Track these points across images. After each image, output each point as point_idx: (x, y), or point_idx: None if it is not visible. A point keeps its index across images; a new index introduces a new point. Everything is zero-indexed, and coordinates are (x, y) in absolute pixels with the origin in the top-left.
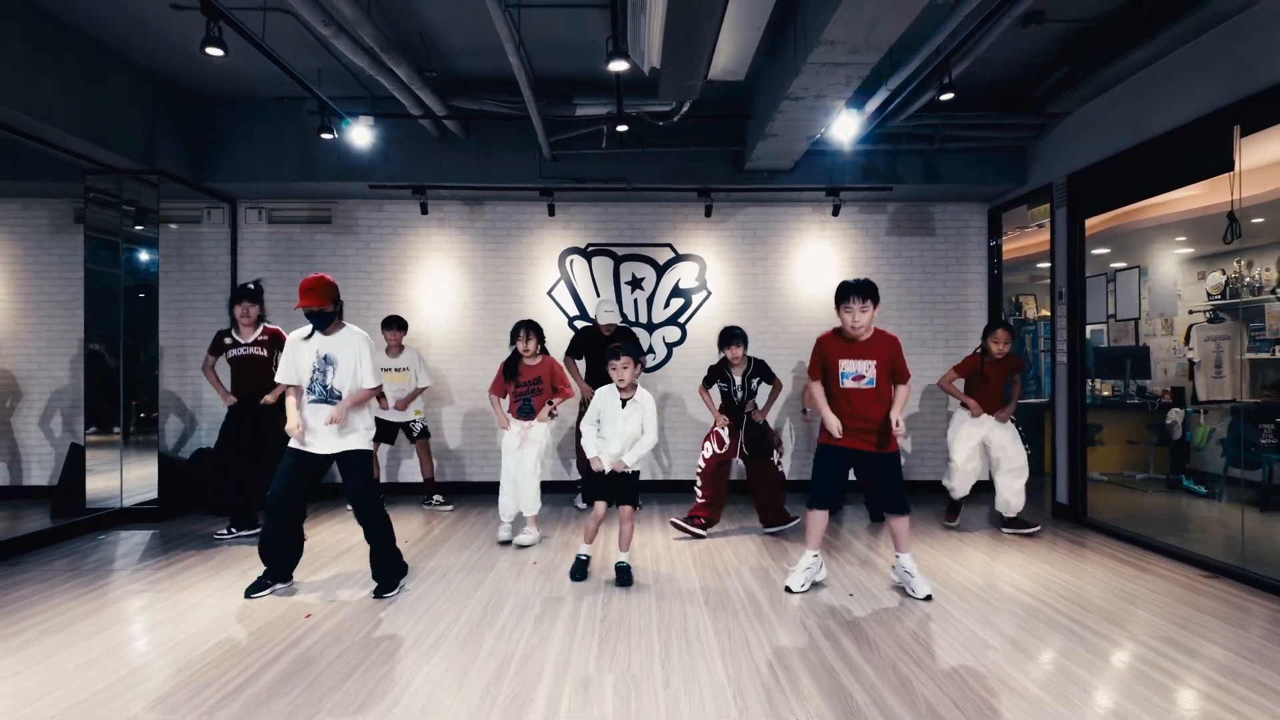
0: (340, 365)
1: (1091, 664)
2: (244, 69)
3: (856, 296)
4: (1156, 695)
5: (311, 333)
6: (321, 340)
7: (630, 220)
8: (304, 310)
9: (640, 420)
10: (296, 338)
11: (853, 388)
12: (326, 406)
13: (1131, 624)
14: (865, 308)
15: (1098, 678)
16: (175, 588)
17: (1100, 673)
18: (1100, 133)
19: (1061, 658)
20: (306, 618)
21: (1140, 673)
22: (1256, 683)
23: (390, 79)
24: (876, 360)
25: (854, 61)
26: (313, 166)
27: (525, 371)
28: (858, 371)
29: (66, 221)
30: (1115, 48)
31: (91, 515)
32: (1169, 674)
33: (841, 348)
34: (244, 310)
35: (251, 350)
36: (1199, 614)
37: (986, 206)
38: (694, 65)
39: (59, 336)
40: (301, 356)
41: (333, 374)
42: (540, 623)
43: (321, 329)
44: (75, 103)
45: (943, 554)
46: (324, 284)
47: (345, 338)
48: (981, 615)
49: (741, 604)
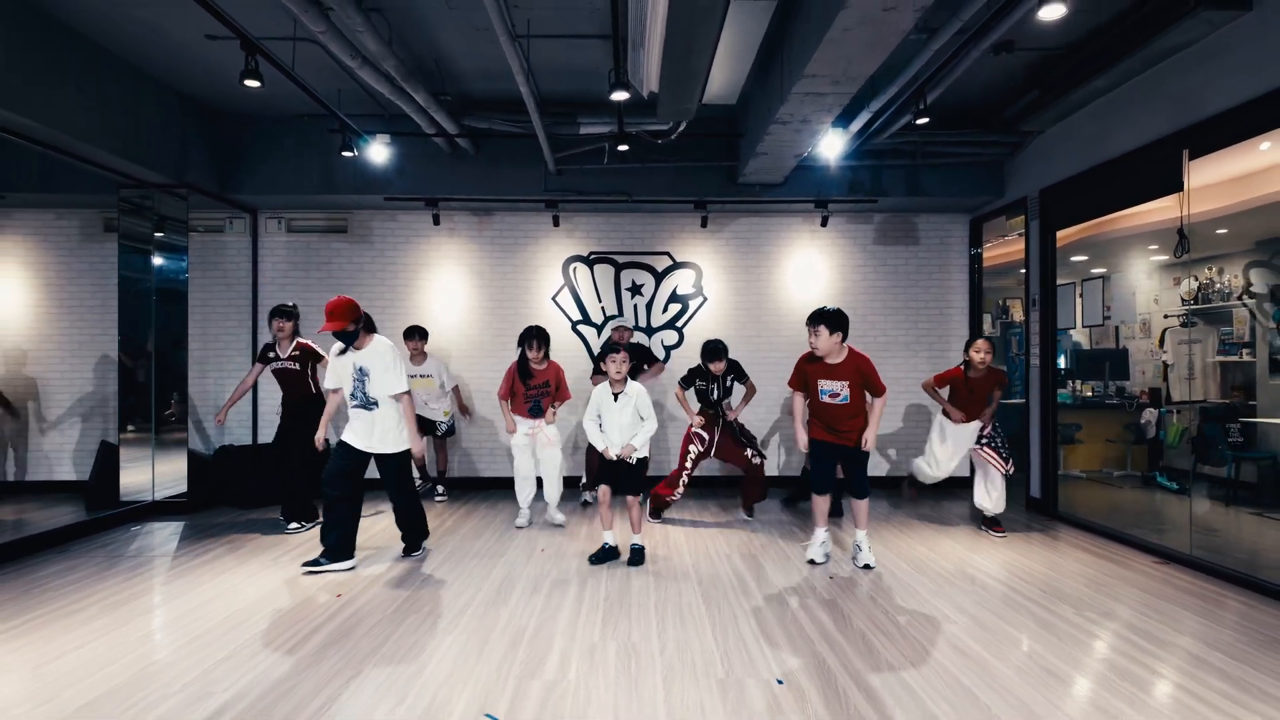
0: (373, 374)
1: (1056, 646)
2: (270, 91)
3: (810, 322)
4: (1121, 679)
5: (345, 349)
6: (355, 354)
7: (631, 230)
8: (333, 333)
9: (634, 410)
10: (335, 352)
11: (829, 403)
12: (365, 412)
13: (1096, 607)
14: (818, 332)
15: (1062, 659)
16: (215, 571)
17: (1065, 654)
18: (1068, 151)
19: (1021, 635)
20: (338, 597)
21: (1079, 640)
22: (1201, 662)
23: (408, 102)
24: (849, 381)
25: (835, 92)
26: (331, 180)
27: (537, 374)
28: (833, 390)
29: (96, 230)
30: (1079, 74)
31: (126, 508)
32: (1136, 660)
33: (819, 369)
34: (278, 325)
35: (286, 364)
36: (1160, 600)
37: (968, 217)
38: (689, 91)
39: (89, 340)
40: (342, 368)
41: (368, 383)
42: (550, 600)
43: (351, 344)
44: (114, 124)
45: (918, 543)
46: (343, 307)
47: (374, 349)
48: (949, 596)
49: (730, 584)
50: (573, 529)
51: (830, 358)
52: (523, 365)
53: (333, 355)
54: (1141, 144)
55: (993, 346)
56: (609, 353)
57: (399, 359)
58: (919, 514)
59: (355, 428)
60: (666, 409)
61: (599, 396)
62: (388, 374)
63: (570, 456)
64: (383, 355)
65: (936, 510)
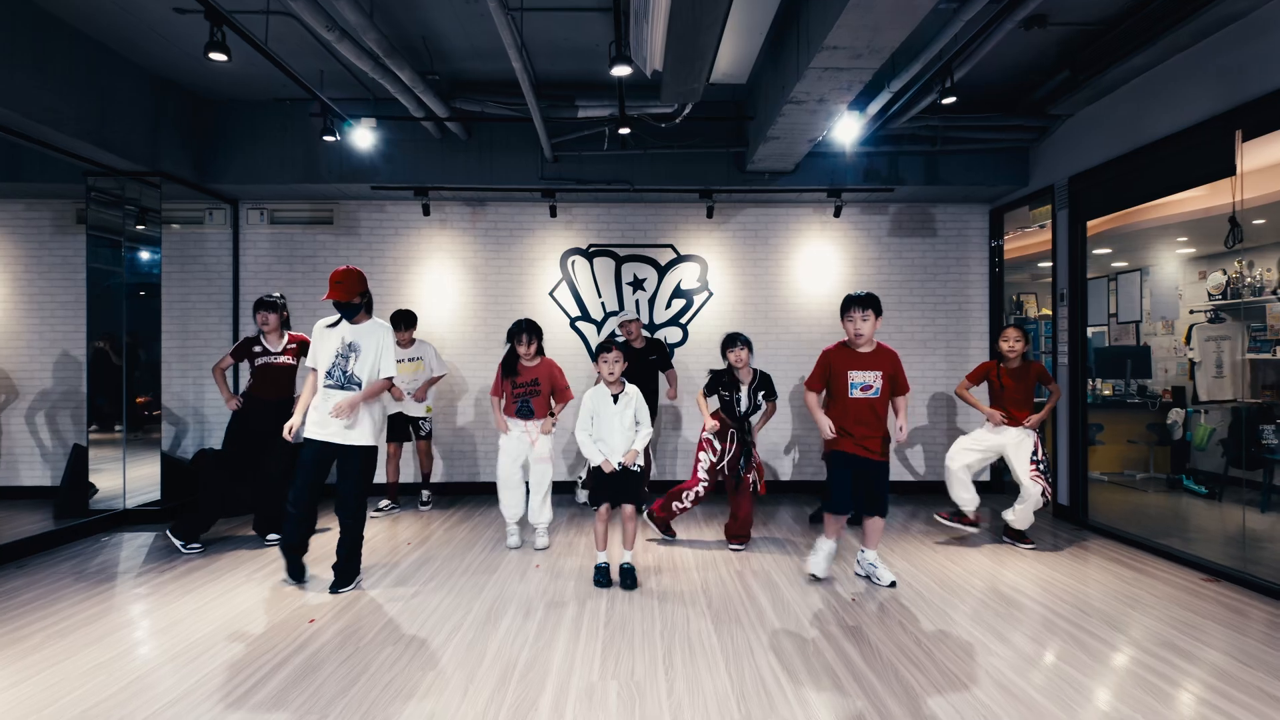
0: (364, 353)
1: (1090, 668)
2: (247, 71)
3: (858, 306)
4: (1155, 700)
5: (338, 321)
6: (349, 328)
7: (632, 221)
8: (333, 302)
9: (633, 412)
10: (321, 325)
11: (860, 398)
12: (340, 393)
13: (1132, 628)
14: (866, 316)
15: (1096, 681)
16: (180, 591)
17: (1099, 676)
18: (1102, 136)
19: (1061, 662)
20: (310, 623)
21: (1139, 677)
22: (1256, 689)
23: (393, 82)
24: (882, 371)
25: (856, 66)
26: (315, 168)
27: (524, 372)
28: (866, 382)
29: (69, 222)
30: (1116, 51)
31: (95, 517)
32: (1167, 679)
33: (850, 359)
34: (263, 318)
35: (281, 359)
36: (1198, 618)
37: (988, 207)
38: (696, 69)
39: (62, 337)
40: (325, 343)
41: (355, 360)
42: (544, 627)
43: (349, 319)
44: (79, 106)
45: (943, 556)
46: (352, 278)
47: (372, 328)
48: (982, 619)
49: (744, 608)
50: (570, 543)
51: (864, 347)
52: (509, 361)
53: (319, 328)
54: (1187, 125)
55: (1025, 335)
56: (603, 351)
57: (393, 345)
58: (938, 523)
59: (322, 413)
60: (690, 412)
61: (594, 401)
62: (383, 356)
63: (567, 465)
64: (381, 335)
65: None
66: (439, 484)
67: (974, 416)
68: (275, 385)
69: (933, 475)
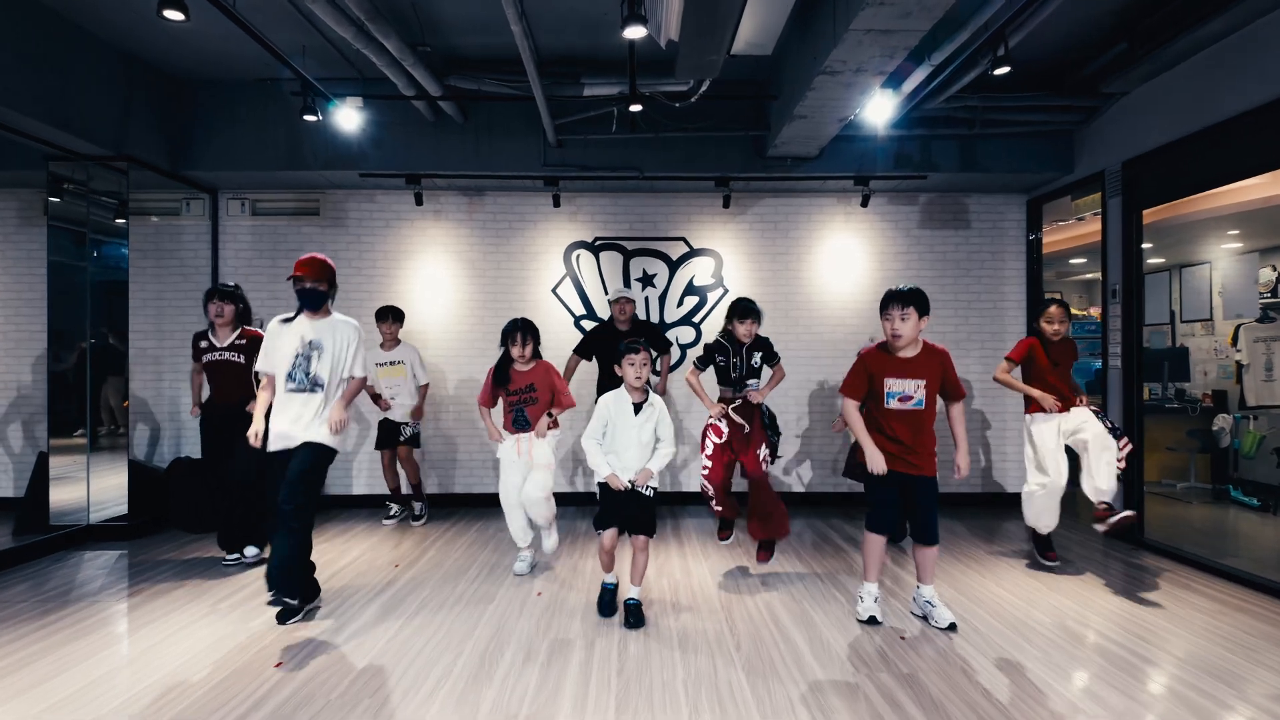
0: (326, 351)
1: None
2: (222, 48)
3: (897, 303)
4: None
5: (296, 315)
6: (308, 324)
7: (641, 212)
8: (296, 287)
9: (654, 426)
10: (276, 322)
11: (897, 408)
12: (303, 395)
13: (1246, 683)
14: (907, 315)
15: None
16: (140, 621)
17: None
18: (1163, 115)
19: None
20: (277, 666)
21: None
22: None
23: (378, 52)
24: (926, 379)
25: (903, 28)
26: (299, 154)
27: (517, 378)
28: (905, 392)
29: (36, 213)
30: (1186, 18)
31: (55, 533)
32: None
33: (887, 364)
34: (217, 309)
35: (227, 355)
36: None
37: (1025, 197)
38: (717, 38)
39: (28, 337)
40: (282, 342)
41: (317, 360)
42: (548, 673)
43: (312, 309)
44: (35, 82)
45: (992, 581)
46: (322, 263)
47: (335, 324)
48: (1054, 663)
49: (778, 650)
50: (575, 566)
51: (905, 350)
52: (501, 367)
53: (273, 324)
54: (1269, 99)
55: (1068, 314)
56: (628, 353)
57: (362, 342)
58: (977, 540)
59: (279, 421)
60: (704, 419)
61: (611, 409)
62: (349, 350)
63: (566, 476)
64: (345, 331)
65: (991, 530)
66: (431, 495)
67: (1008, 423)
68: (225, 386)
69: (965, 486)
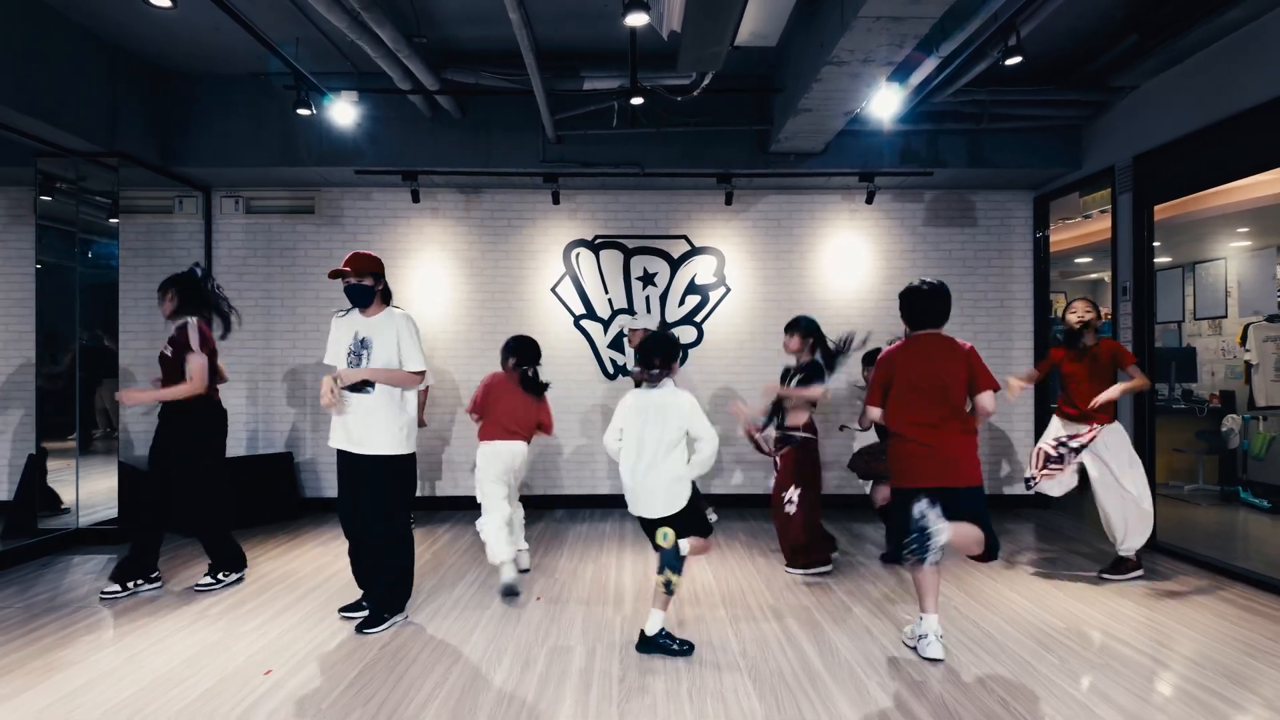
0: (377, 348)
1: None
2: (213, 39)
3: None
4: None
5: (349, 310)
6: (360, 320)
7: (642, 210)
8: (343, 285)
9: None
10: (335, 317)
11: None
12: (355, 396)
13: (1262, 684)
14: None
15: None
16: (124, 631)
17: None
18: (1175, 108)
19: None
20: (266, 674)
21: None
22: None
23: (373, 43)
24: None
25: (914, 15)
26: (293, 150)
27: None
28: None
29: (25, 212)
30: (1198, 11)
31: (42, 538)
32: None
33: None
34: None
35: (161, 348)
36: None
37: (1032, 194)
38: (721, 27)
39: (16, 337)
40: (340, 336)
41: (368, 358)
42: (547, 681)
43: (361, 306)
44: (21, 76)
45: (1004, 585)
46: (365, 256)
47: (387, 319)
48: (1073, 672)
49: (787, 661)
50: (578, 569)
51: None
52: None
53: (334, 319)
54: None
55: (1095, 308)
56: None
57: (418, 334)
58: None
59: (343, 417)
60: None
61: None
62: (403, 347)
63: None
64: (399, 324)
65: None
66: (422, 498)
67: (1014, 424)
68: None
69: None
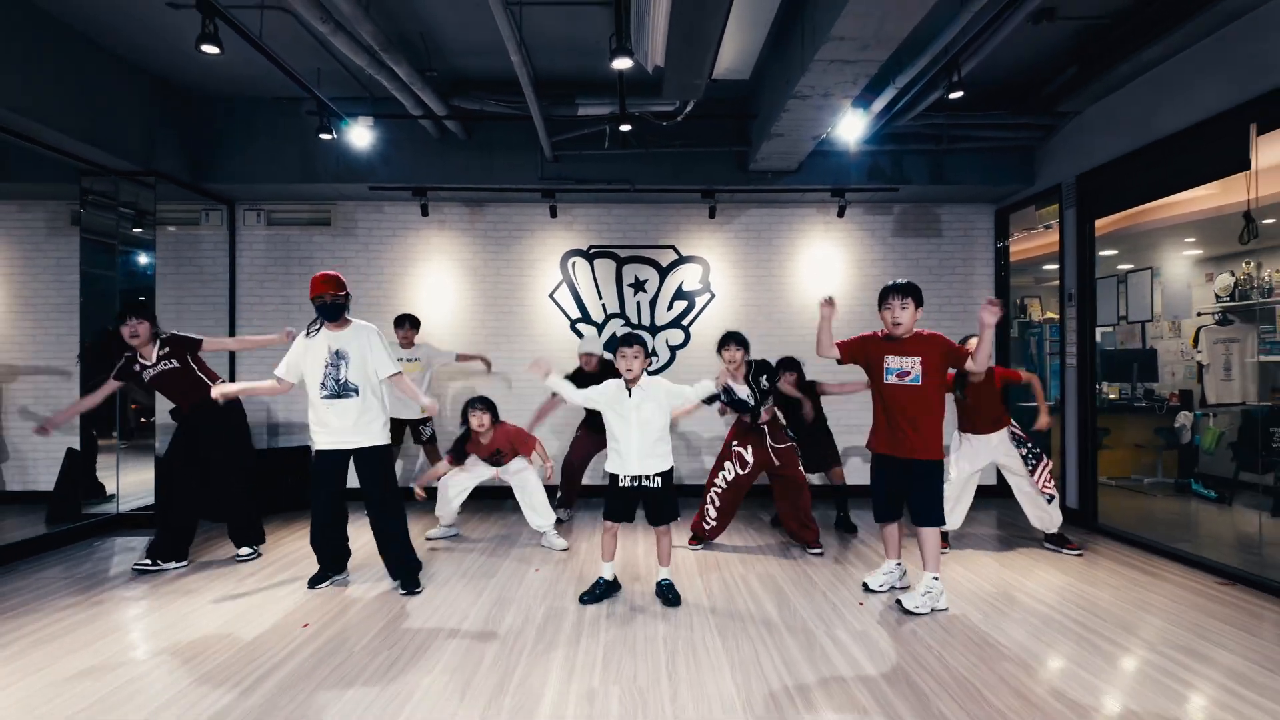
0: (352, 359)
1: (1104, 671)
2: (243, 69)
3: (896, 294)
4: (1169, 701)
5: (316, 328)
6: (332, 335)
7: (633, 222)
8: (318, 303)
9: (658, 400)
10: (300, 338)
11: (896, 384)
12: (340, 402)
13: (1146, 631)
14: (906, 304)
15: (1110, 684)
16: (171, 595)
17: (1112, 679)
18: (1111, 132)
19: (1074, 665)
20: (304, 627)
21: (1154, 680)
22: (1273, 691)
23: (390, 78)
24: (922, 357)
25: (863, 59)
26: (312, 168)
27: (481, 449)
28: (902, 368)
29: (63, 223)
30: (1127, 45)
31: (87, 521)
32: (1183, 681)
33: (886, 345)
34: (131, 330)
35: (163, 367)
36: (1214, 621)
37: (994, 207)
38: (698, 64)
39: (55, 340)
40: (311, 354)
41: (345, 368)
42: (543, 634)
43: (331, 320)
44: (71, 103)
45: (955, 561)
46: (336, 277)
47: (354, 332)
48: (994, 623)
49: (750, 615)
50: (578, 547)
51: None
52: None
53: (298, 340)
54: (1199, 120)
55: None
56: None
57: (384, 341)
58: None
59: (325, 424)
60: (692, 416)
61: (607, 399)
62: (374, 354)
63: None
64: (367, 336)
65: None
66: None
67: None
68: (184, 394)
69: None
